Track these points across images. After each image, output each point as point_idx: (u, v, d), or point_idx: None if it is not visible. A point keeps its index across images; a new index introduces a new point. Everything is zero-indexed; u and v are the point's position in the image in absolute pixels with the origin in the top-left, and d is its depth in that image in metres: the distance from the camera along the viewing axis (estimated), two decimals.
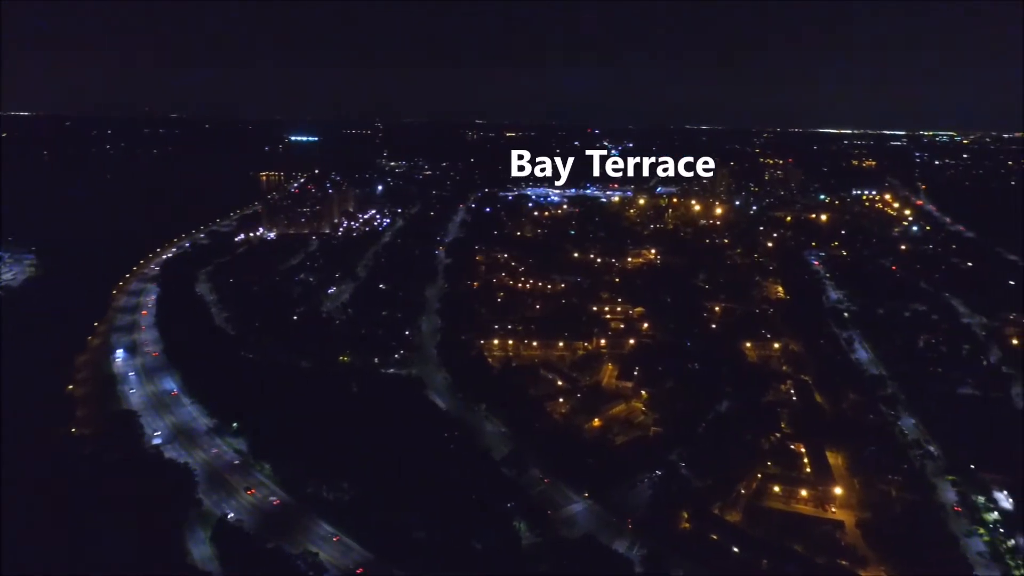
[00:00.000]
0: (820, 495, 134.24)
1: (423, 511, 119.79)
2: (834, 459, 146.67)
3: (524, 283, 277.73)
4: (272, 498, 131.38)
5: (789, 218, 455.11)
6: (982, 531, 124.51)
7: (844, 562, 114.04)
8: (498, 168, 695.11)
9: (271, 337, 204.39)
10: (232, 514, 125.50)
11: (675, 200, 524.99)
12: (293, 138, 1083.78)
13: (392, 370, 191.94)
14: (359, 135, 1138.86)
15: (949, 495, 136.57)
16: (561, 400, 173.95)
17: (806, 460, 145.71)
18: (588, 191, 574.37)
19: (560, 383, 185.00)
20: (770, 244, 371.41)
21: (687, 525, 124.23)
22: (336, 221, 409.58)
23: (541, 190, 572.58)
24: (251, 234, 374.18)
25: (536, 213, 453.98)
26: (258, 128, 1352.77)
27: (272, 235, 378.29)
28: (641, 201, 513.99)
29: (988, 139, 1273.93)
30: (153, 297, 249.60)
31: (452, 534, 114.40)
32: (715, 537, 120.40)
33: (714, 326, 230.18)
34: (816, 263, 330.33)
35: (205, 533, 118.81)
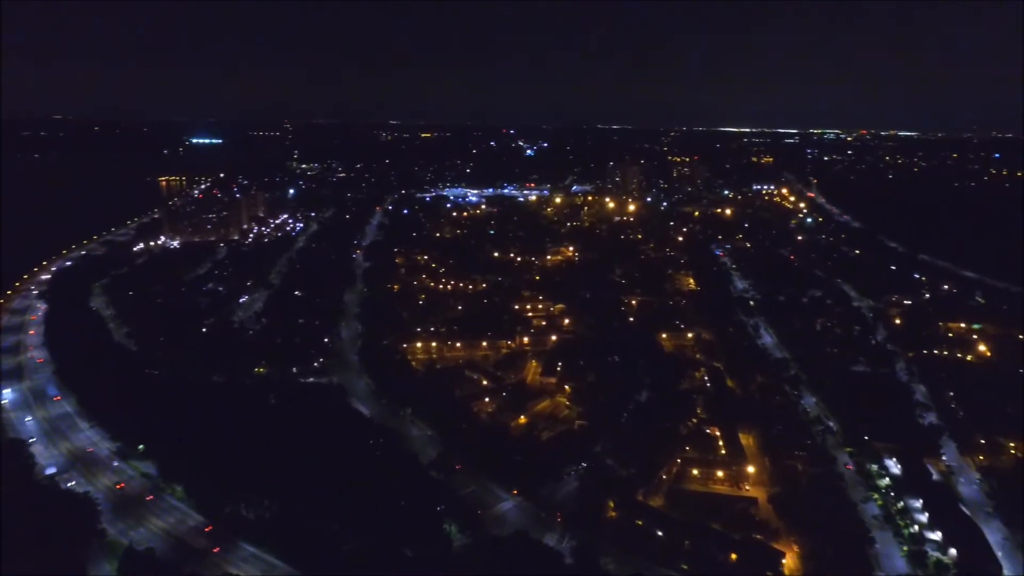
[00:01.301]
0: (735, 475, 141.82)
1: (350, 521, 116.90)
2: (746, 440, 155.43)
3: (445, 284, 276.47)
4: (187, 521, 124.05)
5: (697, 213, 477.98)
6: (876, 496, 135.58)
7: (759, 536, 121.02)
8: (414, 169, 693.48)
9: (178, 352, 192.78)
10: (141, 542, 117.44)
11: (590, 198, 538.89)
12: (195, 140, 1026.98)
13: (312, 379, 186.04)
14: (267, 136, 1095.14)
15: (848, 465, 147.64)
16: (487, 400, 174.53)
17: (721, 443, 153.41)
18: (506, 191, 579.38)
19: (485, 383, 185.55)
20: (680, 238, 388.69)
21: (614, 514, 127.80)
22: (246, 227, 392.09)
23: (459, 191, 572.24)
24: (152, 243, 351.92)
25: (455, 214, 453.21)
26: (155, 130, 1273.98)
27: (175, 243, 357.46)
28: (558, 200, 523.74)
29: (868, 136, 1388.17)
30: (41, 314, 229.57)
31: (381, 542, 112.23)
32: (640, 523, 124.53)
33: (632, 319, 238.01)
34: (722, 255, 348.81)
35: (111, 565, 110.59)
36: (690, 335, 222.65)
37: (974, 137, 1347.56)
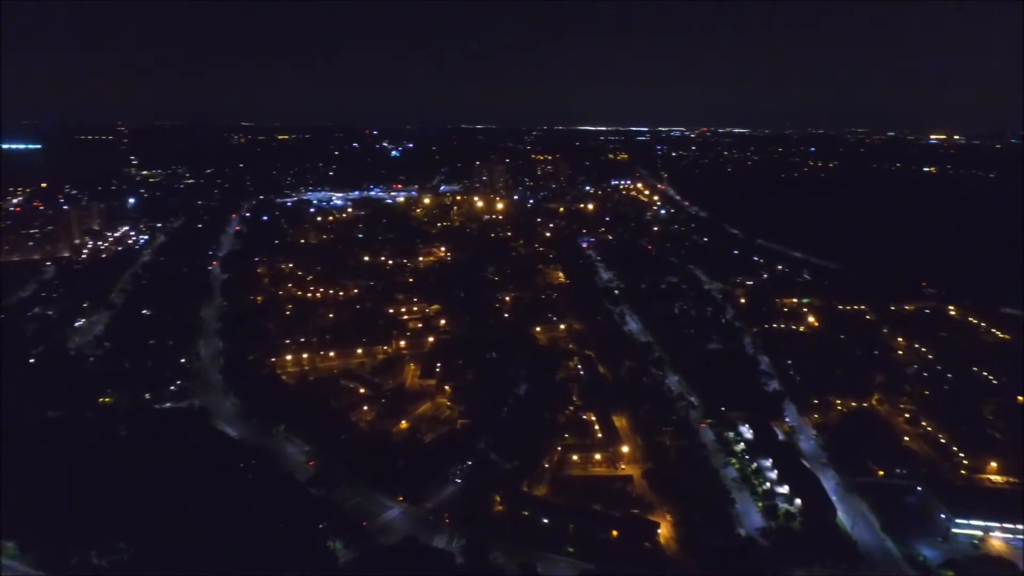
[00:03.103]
0: (611, 456, 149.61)
1: (226, 554, 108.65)
2: (619, 421, 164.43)
3: (314, 292, 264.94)
4: None
5: (562, 209, 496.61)
6: (733, 460, 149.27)
7: (636, 511, 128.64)
8: (272, 173, 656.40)
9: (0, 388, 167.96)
10: None
11: (459, 198, 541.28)
12: (6, 146, 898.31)
13: (169, 404, 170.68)
14: (97, 140, 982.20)
15: (708, 435, 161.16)
16: (366, 408, 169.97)
17: (597, 427, 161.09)
18: (372, 193, 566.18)
19: (363, 390, 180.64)
20: (548, 234, 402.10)
21: (501, 508, 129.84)
22: (78, 242, 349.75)
23: (323, 194, 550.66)
24: None
25: (319, 218, 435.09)
26: None
27: None
28: (426, 200, 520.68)
29: (708, 133, 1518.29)
30: None
31: (263, 570, 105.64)
32: (526, 513, 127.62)
33: (506, 315, 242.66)
34: (587, 248, 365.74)
35: None
36: (562, 326, 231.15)
37: (794, 134, 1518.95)
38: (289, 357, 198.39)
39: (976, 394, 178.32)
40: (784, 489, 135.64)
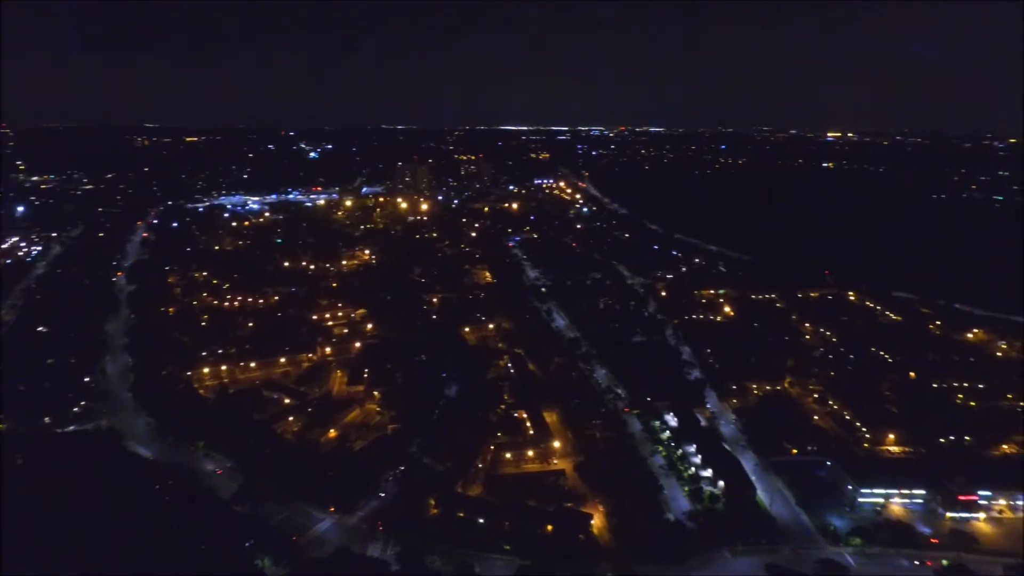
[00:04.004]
0: (543, 451, 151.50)
1: None
2: (550, 417, 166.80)
3: (231, 301, 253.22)
4: None
5: (486, 209, 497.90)
6: (660, 448, 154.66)
7: (569, 504, 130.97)
8: (181, 177, 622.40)
9: None
10: None
11: (382, 199, 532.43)
12: None
13: (73, 427, 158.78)
14: None
15: (636, 426, 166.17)
16: (291, 418, 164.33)
17: (528, 424, 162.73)
18: (291, 196, 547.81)
19: (287, 400, 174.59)
20: (473, 234, 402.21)
21: (435, 511, 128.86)
22: None
23: (237, 198, 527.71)
24: None
25: (235, 224, 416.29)
26: None
27: None
28: (348, 203, 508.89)
29: (626, 132, 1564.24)
30: None
31: None
32: (461, 514, 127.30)
33: (434, 316, 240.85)
34: (513, 246, 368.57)
35: None
36: (491, 326, 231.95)
37: (706, 132, 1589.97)
38: (206, 370, 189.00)
39: (875, 372, 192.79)
40: (708, 473, 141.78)
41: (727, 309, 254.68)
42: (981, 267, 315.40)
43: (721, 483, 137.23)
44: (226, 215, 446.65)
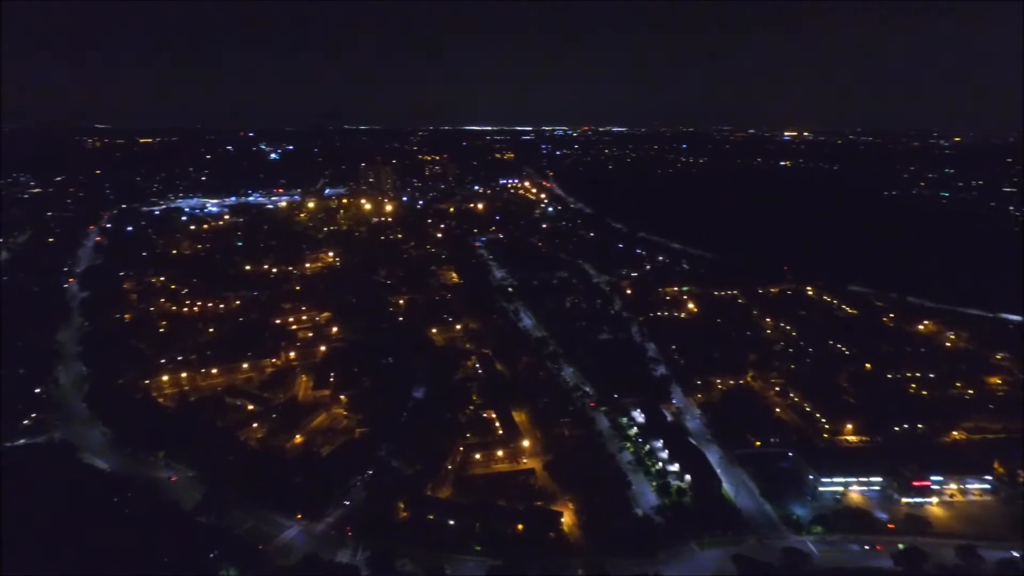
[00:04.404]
0: (513, 451, 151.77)
1: None
2: (519, 417, 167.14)
3: (191, 306, 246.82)
4: None
5: (452, 209, 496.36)
6: (628, 444, 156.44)
7: (539, 503, 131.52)
8: (135, 179, 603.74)
9: None
10: None
11: (345, 201, 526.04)
12: None
13: (24, 440, 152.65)
14: None
15: (604, 423, 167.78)
16: (255, 425, 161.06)
17: (498, 424, 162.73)
18: (251, 198, 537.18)
19: (251, 407, 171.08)
20: (439, 234, 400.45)
21: (405, 514, 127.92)
22: None
23: (196, 200, 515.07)
24: None
25: (193, 227, 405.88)
26: None
27: None
28: (311, 204, 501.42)
29: (590, 132, 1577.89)
30: None
31: None
32: (431, 517, 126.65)
33: (401, 318, 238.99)
34: (479, 247, 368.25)
35: None
36: (458, 327, 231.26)
37: (668, 132, 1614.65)
38: (165, 378, 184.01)
39: (833, 364, 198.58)
40: (675, 467, 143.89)
41: (691, 306, 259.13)
42: (930, 261, 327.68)
43: (688, 477, 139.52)
44: (184, 218, 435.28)
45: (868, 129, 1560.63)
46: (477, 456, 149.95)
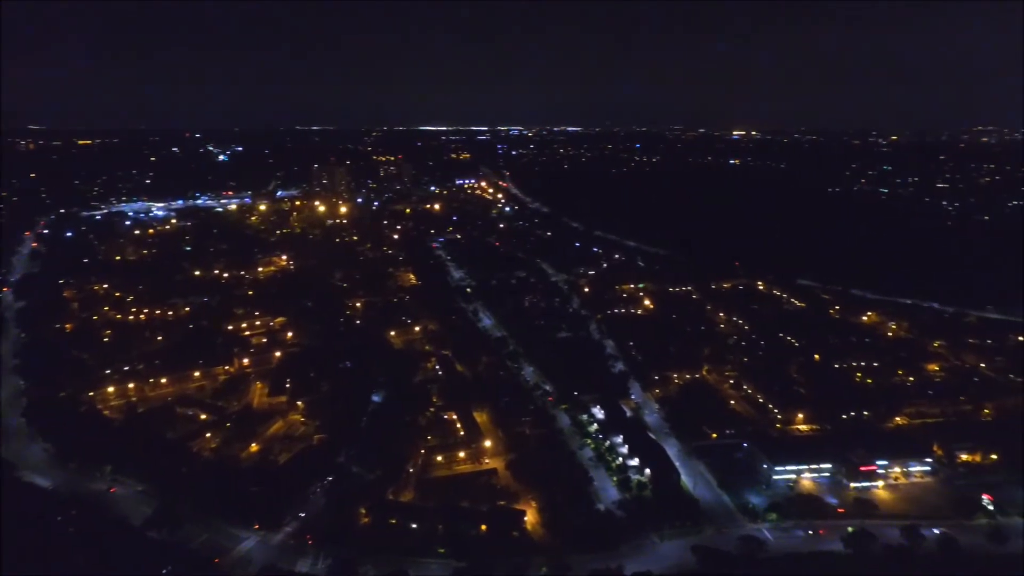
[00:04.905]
0: (475, 452, 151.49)
1: None
2: (480, 417, 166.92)
3: (137, 314, 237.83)
4: None
5: (408, 210, 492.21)
6: (589, 441, 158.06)
7: (502, 502, 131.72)
8: (75, 183, 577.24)
9: None
10: None
11: (298, 203, 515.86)
12: None
13: None
14: None
15: (564, 420, 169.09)
16: (209, 435, 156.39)
17: (459, 425, 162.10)
18: (200, 201, 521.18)
19: (204, 416, 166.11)
20: (396, 236, 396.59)
21: (367, 520, 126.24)
22: None
23: (140, 204, 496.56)
24: None
25: (138, 232, 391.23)
26: None
27: None
28: (262, 207, 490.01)
29: (545, 132, 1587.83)
30: None
31: None
32: (394, 521, 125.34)
33: (358, 321, 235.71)
34: (436, 247, 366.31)
35: None
36: (417, 328, 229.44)
37: (621, 131, 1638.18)
38: (111, 389, 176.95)
39: (783, 356, 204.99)
40: (635, 462, 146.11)
41: (647, 302, 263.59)
42: (872, 254, 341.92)
43: (647, 471, 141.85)
44: (128, 223, 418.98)
45: (812, 128, 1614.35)
46: (439, 458, 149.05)
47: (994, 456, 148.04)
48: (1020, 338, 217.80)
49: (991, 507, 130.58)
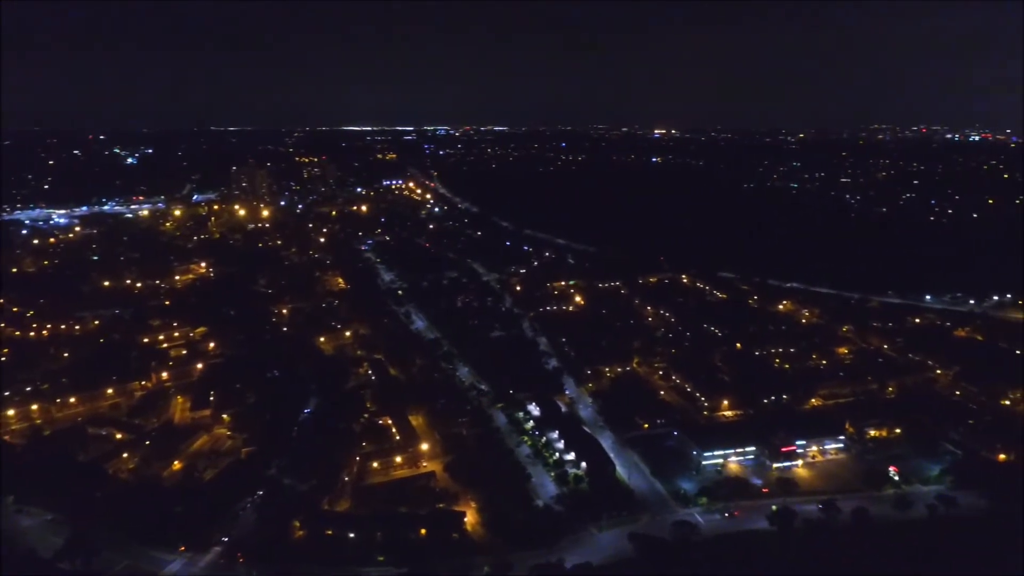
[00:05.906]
0: (412, 456, 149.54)
1: None
2: (416, 420, 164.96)
3: (39, 330, 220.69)
4: None
5: (334, 212, 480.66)
6: (526, 438, 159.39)
7: (442, 505, 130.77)
8: None
9: None
10: None
11: (216, 207, 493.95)
12: None
13: None
14: None
15: (501, 419, 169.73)
16: (126, 455, 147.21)
17: (394, 430, 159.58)
18: (107, 207, 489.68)
19: (119, 435, 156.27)
20: (322, 239, 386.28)
21: (301, 532, 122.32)
22: None
23: (38, 212, 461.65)
24: None
25: (37, 241, 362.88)
26: None
27: None
28: (177, 212, 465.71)
29: (471, 131, 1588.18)
30: None
31: None
32: (330, 532, 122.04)
33: (285, 328, 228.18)
34: (365, 250, 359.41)
35: None
36: (348, 333, 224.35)
37: (547, 130, 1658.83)
38: (12, 412, 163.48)
39: (708, 346, 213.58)
40: (571, 456, 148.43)
41: (578, 299, 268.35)
42: (785, 246, 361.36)
43: (584, 464, 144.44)
44: (24, 232, 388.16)
45: (727, 127, 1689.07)
46: (375, 464, 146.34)
47: (898, 431, 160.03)
48: (917, 320, 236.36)
49: (897, 478, 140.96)
